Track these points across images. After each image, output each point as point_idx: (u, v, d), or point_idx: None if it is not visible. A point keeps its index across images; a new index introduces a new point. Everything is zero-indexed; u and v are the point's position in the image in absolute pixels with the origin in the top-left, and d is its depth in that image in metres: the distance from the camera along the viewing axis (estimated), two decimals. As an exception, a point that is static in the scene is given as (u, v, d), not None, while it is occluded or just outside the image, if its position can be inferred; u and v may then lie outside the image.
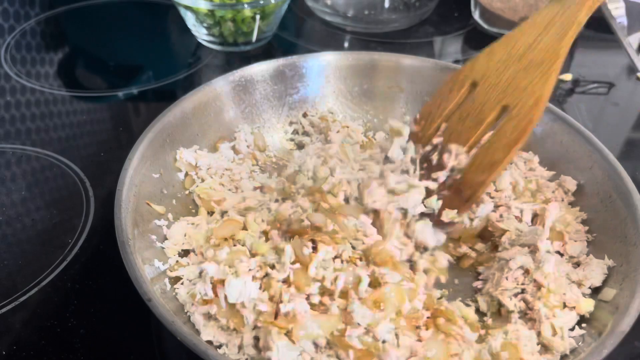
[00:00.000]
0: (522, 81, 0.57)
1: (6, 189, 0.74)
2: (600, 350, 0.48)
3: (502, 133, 0.57)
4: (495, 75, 0.60)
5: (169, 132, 0.68)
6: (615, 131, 0.90)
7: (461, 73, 0.64)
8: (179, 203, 0.67)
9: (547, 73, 0.56)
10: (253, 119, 0.79)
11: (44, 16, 1.13)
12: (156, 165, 0.66)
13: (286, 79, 0.80)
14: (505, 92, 0.59)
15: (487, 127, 0.60)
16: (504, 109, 0.59)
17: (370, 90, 0.82)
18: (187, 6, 0.95)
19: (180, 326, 0.48)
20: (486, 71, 0.61)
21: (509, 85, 0.58)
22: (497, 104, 0.59)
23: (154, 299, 0.49)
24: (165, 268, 0.59)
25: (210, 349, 0.47)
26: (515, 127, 0.57)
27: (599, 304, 0.56)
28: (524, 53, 0.58)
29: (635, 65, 1.03)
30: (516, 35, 0.59)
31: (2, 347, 0.56)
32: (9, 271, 0.64)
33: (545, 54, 0.57)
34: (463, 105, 0.63)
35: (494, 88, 0.60)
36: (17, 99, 0.90)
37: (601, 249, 0.61)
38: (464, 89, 0.63)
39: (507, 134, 0.57)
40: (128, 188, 0.60)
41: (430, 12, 1.17)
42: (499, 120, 0.60)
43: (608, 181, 0.64)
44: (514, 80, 0.58)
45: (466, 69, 0.63)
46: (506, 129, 0.57)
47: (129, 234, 0.55)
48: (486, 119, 0.60)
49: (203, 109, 0.73)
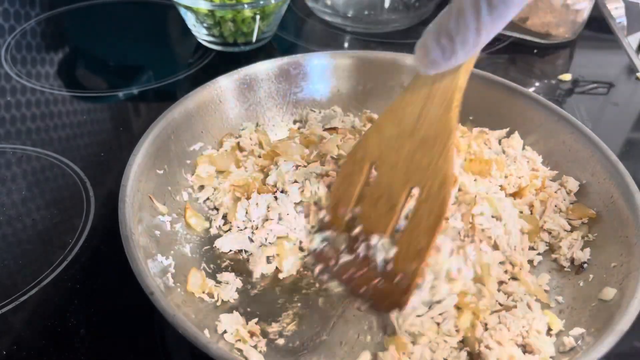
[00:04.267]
0: (422, 160, 0.54)
1: (6, 189, 0.74)
2: (600, 348, 0.48)
3: (419, 219, 0.54)
4: (393, 154, 0.56)
5: (174, 129, 0.69)
6: (615, 131, 0.90)
7: (356, 153, 0.60)
8: (183, 200, 0.68)
9: (445, 149, 0.52)
10: (257, 116, 0.79)
11: (44, 16, 1.13)
12: (160, 161, 0.66)
13: (290, 77, 0.80)
14: (407, 173, 0.55)
15: (400, 211, 0.57)
16: (412, 190, 0.56)
17: (374, 89, 0.83)
18: (187, 6, 0.95)
19: (182, 320, 0.48)
20: (381, 151, 0.57)
21: (409, 164, 0.55)
22: (404, 186, 0.56)
23: (156, 292, 0.50)
24: (168, 263, 0.59)
25: (211, 342, 0.47)
26: (430, 211, 0.53)
27: (599, 304, 0.56)
28: (415, 128, 0.54)
29: (635, 65, 1.04)
30: (400, 108, 0.55)
31: (2, 347, 0.56)
32: (9, 271, 0.64)
33: (437, 127, 0.53)
34: (371, 187, 0.59)
35: (395, 169, 0.56)
36: (18, 99, 0.90)
37: (601, 249, 0.61)
38: (364, 170, 0.59)
39: (424, 219, 0.54)
40: (132, 183, 0.60)
41: (430, 12, 1.17)
42: (409, 200, 0.56)
43: (610, 181, 0.64)
44: (413, 159, 0.55)
45: (360, 149, 0.59)
46: (421, 214, 0.54)
47: (132, 228, 0.56)
48: (398, 203, 0.56)
49: (207, 107, 0.74)
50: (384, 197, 0.57)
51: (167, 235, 0.63)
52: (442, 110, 0.52)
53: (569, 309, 0.58)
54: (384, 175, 0.57)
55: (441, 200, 0.53)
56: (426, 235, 0.54)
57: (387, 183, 0.57)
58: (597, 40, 1.13)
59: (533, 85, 1.00)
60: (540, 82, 1.01)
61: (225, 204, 0.68)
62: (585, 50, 1.10)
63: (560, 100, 0.95)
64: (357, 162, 0.60)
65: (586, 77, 1.02)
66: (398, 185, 0.56)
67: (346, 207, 0.61)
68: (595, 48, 1.12)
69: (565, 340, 0.54)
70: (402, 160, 0.56)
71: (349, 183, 0.61)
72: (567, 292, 0.60)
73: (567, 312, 0.58)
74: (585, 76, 1.02)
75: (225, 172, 0.71)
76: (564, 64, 1.07)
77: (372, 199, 0.59)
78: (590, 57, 1.09)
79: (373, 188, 0.59)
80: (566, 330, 0.55)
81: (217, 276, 0.62)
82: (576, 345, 0.53)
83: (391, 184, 0.57)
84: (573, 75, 1.01)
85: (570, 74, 1.01)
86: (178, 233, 0.64)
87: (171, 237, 0.63)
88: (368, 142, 0.59)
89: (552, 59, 1.07)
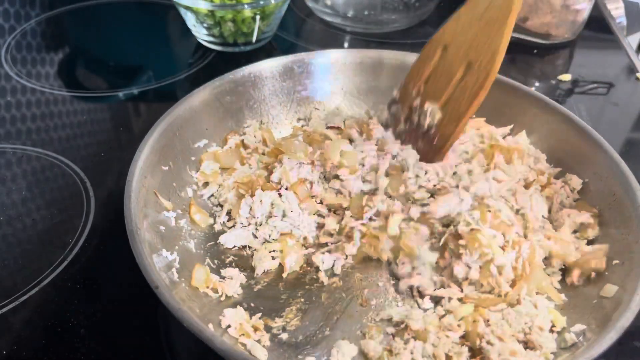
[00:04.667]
0: (482, 38, 0.62)
1: (6, 189, 0.74)
2: (601, 344, 0.48)
3: (465, 86, 0.62)
4: (462, 36, 0.64)
5: (179, 126, 0.69)
6: (615, 131, 0.90)
7: (434, 39, 0.69)
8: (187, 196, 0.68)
9: (502, 28, 0.59)
10: (261, 114, 0.80)
11: (44, 16, 1.13)
12: (166, 158, 0.66)
13: (295, 75, 0.81)
14: (469, 49, 0.63)
15: (456, 84, 0.65)
16: (469, 66, 0.63)
17: (377, 87, 0.83)
18: (187, 6, 0.95)
19: (186, 313, 0.48)
20: (455, 34, 0.66)
21: (472, 43, 0.63)
22: (462, 61, 0.64)
23: (161, 286, 0.50)
24: (173, 258, 0.59)
25: (216, 336, 0.47)
26: (476, 81, 0.61)
27: (601, 300, 0.56)
28: (484, 12, 0.62)
29: (634, 65, 1.04)
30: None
31: (3, 347, 0.56)
32: (9, 271, 0.64)
33: (500, 10, 0.60)
34: (437, 67, 0.68)
35: (461, 48, 0.64)
36: (18, 99, 0.90)
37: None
38: (437, 52, 0.68)
39: (470, 87, 0.62)
40: (138, 179, 0.60)
41: (430, 12, 1.18)
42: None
43: (612, 180, 0.64)
44: (476, 38, 0.62)
45: (439, 34, 0.68)
46: (469, 82, 0.62)
47: (138, 223, 0.56)
48: (454, 76, 0.64)
49: (212, 104, 0.74)
50: (445, 73, 0.66)
51: (172, 231, 0.63)
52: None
53: (571, 305, 0.58)
54: (450, 55, 0.66)
55: (487, 71, 0.60)
56: (467, 102, 0.62)
57: (450, 61, 0.66)
58: (597, 41, 1.13)
59: (533, 85, 1.00)
60: (540, 82, 1.01)
61: (230, 201, 0.68)
62: (585, 50, 1.10)
63: (560, 100, 0.95)
64: (432, 46, 0.69)
65: (586, 77, 1.02)
66: (458, 61, 0.64)
67: (414, 83, 0.70)
68: (595, 48, 1.12)
69: (566, 337, 0.54)
70: (468, 40, 0.64)
71: (422, 63, 0.70)
72: (568, 289, 0.60)
73: (569, 308, 0.58)
74: (585, 76, 1.02)
75: (230, 169, 0.72)
76: (563, 64, 1.07)
77: (436, 76, 0.68)
78: (590, 57, 1.09)
79: (438, 67, 0.67)
80: (568, 326, 0.55)
81: (221, 271, 0.62)
82: (577, 342, 0.53)
83: (453, 61, 0.65)
84: (573, 75, 1.01)
85: (570, 74, 1.01)
86: (183, 229, 0.65)
87: (176, 233, 0.63)
88: (447, 28, 0.67)
89: (552, 59, 1.07)
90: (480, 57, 0.61)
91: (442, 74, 0.66)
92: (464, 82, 0.63)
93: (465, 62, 0.63)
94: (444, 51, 0.67)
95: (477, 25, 0.62)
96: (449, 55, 0.66)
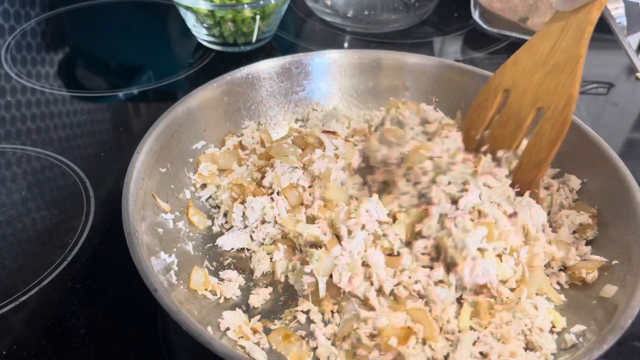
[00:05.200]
0: (551, 84, 0.62)
1: (6, 189, 0.74)
2: (601, 345, 0.48)
3: (542, 134, 0.62)
4: (525, 81, 0.65)
5: (177, 127, 0.69)
6: (615, 131, 0.91)
7: (492, 83, 0.69)
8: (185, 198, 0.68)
9: (572, 74, 0.60)
10: (259, 115, 0.80)
11: (44, 16, 1.13)
12: (163, 159, 0.66)
13: (292, 76, 0.81)
14: (537, 95, 0.63)
15: (527, 130, 0.65)
16: (538, 111, 0.64)
17: (376, 88, 0.83)
18: (187, 6, 0.95)
19: (185, 316, 0.48)
20: (515, 78, 0.66)
21: (539, 88, 0.63)
22: (532, 107, 0.64)
23: (160, 289, 0.50)
24: (171, 260, 0.59)
25: (214, 338, 0.47)
26: (552, 127, 0.61)
27: (600, 301, 0.56)
28: (547, 58, 0.62)
29: (634, 65, 1.03)
30: (536, 42, 0.64)
31: (3, 347, 0.56)
32: (9, 271, 0.64)
33: (567, 55, 0.61)
34: (501, 112, 0.68)
35: (526, 93, 0.64)
36: (18, 99, 0.90)
37: (603, 247, 0.61)
38: (498, 96, 0.68)
39: (547, 134, 0.62)
40: (135, 181, 0.60)
41: (430, 12, 1.18)
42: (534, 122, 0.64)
43: (611, 180, 0.64)
44: (543, 83, 0.63)
45: (496, 79, 0.68)
46: (545, 129, 0.62)
47: (135, 225, 0.56)
48: (525, 122, 0.65)
49: (210, 105, 0.74)
50: (513, 118, 0.66)
51: (170, 233, 0.63)
52: (574, 40, 0.61)
53: (570, 306, 0.58)
54: (514, 99, 0.66)
55: (564, 117, 0.60)
56: (547, 148, 0.62)
57: (516, 106, 0.66)
58: (597, 40, 1.11)
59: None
60: (540, 82, 1.01)
61: (225, 202, 0.68)
62: (585, 50, 1.10)
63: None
64: (491, 90, 0.68)
65: (586, 77, 1.02)
66: (526, 107, 0.64)
67: (477, 129, 0.69)
68: (595, 48, 1.11)
69: (566, 338, 0.54)
70: (533, 85, 0.64)
71: (483, 108, 0.69)
72: (568, 290, 0.60)
73: (569, 309, 0.58)
74: (585, 76, 1.01)
75: (228, 171, 0.72)
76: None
77: (502, 121, 0.68)
78: (590, 57, 1.08)
79: (503, 112, 0.67)
80: (567, 327, 0.55)
81: (219, 274, 0.62)
82: (577, 342, 0.53)
83: (520, 107, 0.65)
84: (573, 75, 1.01)
85: (570, 74, 1.01)
86: (181, 231, 0.65)
87: (174, 235, 0.63)
88: (504, 73, 0.67)
89: (552, 59, 1.07)
90: (552, 103, 0.61)
91: (509, 119, 0.66)
92: (539, 129, 0.63)
93: (535, 108, 0.63)
94: (505, 95, 0.67)
95: (541, 71, 0.63)
96: (513, 100, 0.66)
